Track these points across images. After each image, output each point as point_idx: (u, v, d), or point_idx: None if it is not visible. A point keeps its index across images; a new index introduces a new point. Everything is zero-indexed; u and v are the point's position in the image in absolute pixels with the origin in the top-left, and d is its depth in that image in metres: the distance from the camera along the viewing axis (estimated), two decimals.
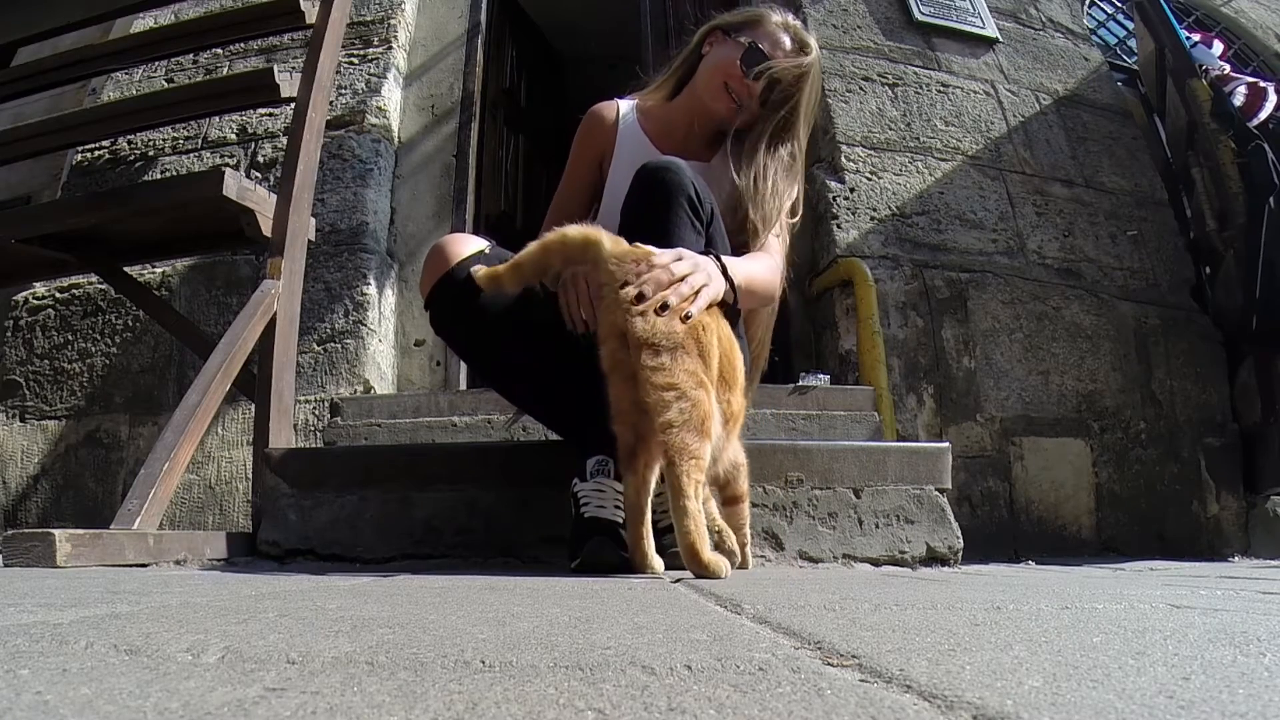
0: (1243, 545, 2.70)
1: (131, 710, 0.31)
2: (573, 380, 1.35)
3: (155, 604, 0.69)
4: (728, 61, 1.41)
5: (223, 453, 2.51)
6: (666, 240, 1.17)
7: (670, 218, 1.19)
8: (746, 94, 1.40)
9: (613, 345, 1.06)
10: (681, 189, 1.20)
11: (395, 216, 2.92)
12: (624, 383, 1.04)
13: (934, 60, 3.18)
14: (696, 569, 0.99)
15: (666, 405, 0.99)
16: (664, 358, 1.01)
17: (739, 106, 1.42)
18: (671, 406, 0.99)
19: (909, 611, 0.68)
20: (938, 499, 1.52)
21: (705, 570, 0.99)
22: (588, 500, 1.18)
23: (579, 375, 1.34)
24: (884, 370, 2.44)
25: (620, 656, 0.44)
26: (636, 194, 1.22)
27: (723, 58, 1.43)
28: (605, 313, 1.07)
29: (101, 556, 1.29)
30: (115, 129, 2.58)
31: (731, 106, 1.42)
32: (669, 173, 1.20)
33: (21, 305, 2.78)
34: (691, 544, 0.98)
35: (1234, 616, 0.67)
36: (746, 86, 1.39)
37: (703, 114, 1.46)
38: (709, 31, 1.48)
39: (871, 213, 2.75)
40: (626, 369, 1.04)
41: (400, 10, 3.16)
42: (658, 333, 1.02)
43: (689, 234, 1.20)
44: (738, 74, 1.40)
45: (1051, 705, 0.33)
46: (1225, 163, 2.95)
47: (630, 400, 1.04)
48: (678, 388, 1.00)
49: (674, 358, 1.01)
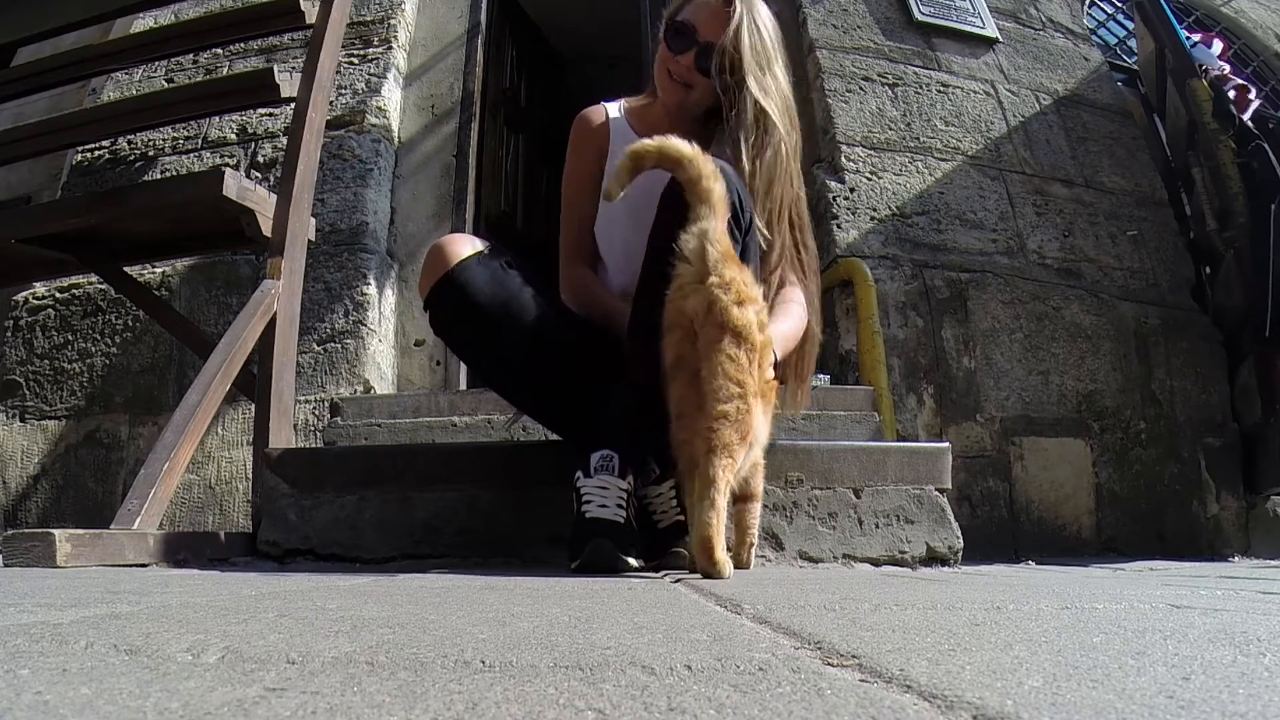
0: (1243, 545, 2.70)
1: (131, 710, 0.31)
2: (572, 380, 1.35)
3: (155, 604, 0.69)
4: (662, 52, 1.40)
5: (223, 453, 2.51)
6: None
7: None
8: (684, 71, 1.36)
9: (678, 335, 1.04)
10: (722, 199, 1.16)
11: (395, 216, 2.92)
12: (689, 383, 1.03)
13: (934, 60, 3.18)
14: (707, 564, 0.99)
15: (729, 398, 0.99)
16: (743, 354, 1.01)
17: (687, 89, 1.38)
18: (732, 400, 0.99)
19: (909, 611, 0.68)
20: (938, 499, 1.52)
21: (715, 567, 0.99)
22: (590, 498, 1.16)
23: (579, 375, 1.34)
24: (884, 370, 2.44)
25: (620, 656, 0.44)
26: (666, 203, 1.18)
27: (660, 51, 1.41)
28: (681, 297, 1.04)
29: (101, 556, 1.29)
30: (115, 129, 2.59)
31: (682, 91, 1.39)
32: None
33: (21, 305, 2.78)
34: (709, 537, 0.98)
35: (1234, 616, 0.67)
36: (678, 63, 1.37)
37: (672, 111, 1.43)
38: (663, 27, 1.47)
39: (871, 213, 2.75)
40: (692, 366, 1.02)
41: (400, 10, 3.16)
42: (750, 325, 1.02)
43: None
44: (669, 56, 1.38)
45: (1051, 705, 0.33)
46: (1225, 163, 2.96)
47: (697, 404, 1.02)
48: (744, 386, 1.01)
49: (750, 358, 1.02)
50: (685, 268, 1.05)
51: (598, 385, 1.28)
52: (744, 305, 1.03)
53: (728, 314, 1.01)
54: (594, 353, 1.34)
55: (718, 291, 1.02)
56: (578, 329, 1.40)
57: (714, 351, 1.00)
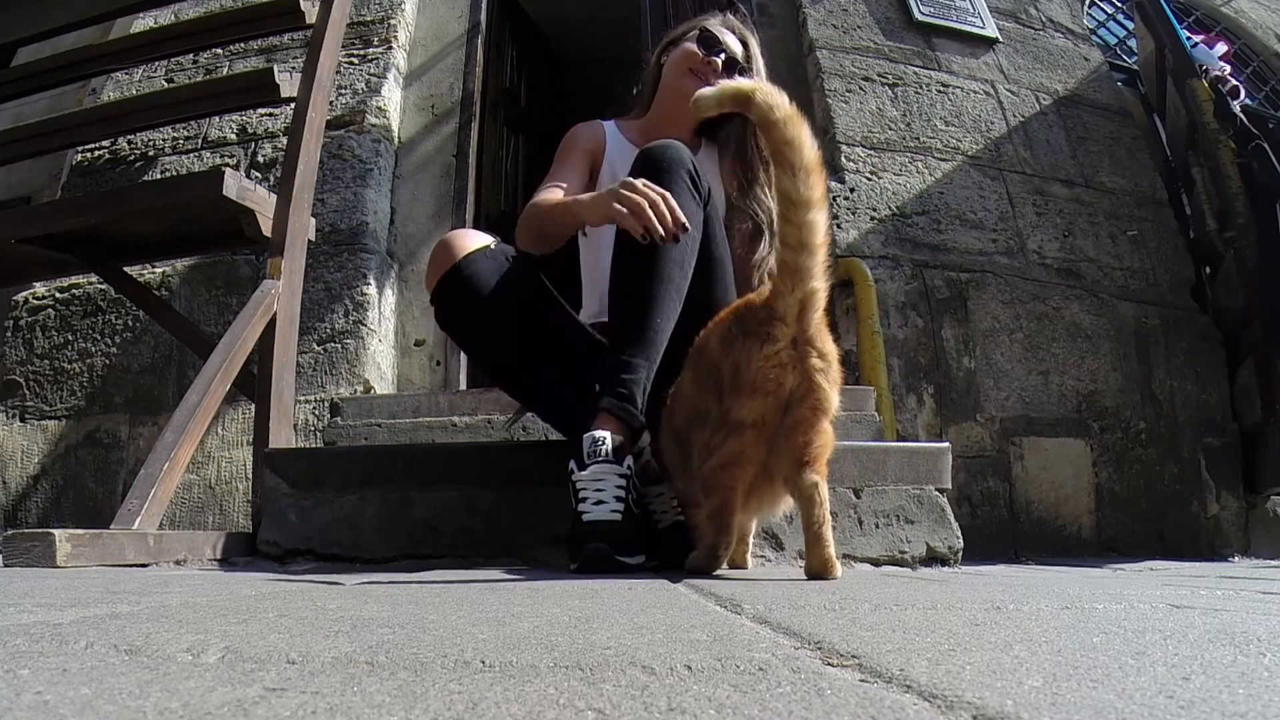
0: (1243, 545, 2.70)
1: (131, 710, 0.31)
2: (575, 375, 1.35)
3: (155, 604, 0.69)
4: (685, 54, 1.55)
5: (223, 453, 2.51)
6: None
7: (672, 183, 1.24)
8: (711, 71, 1.50)
9: (771, 405, 1.01)
10: (681, 162, 1.27)
11: (395, 216, 2.92)
12: (758, 443, 1.02)
13: (934, 60, 3.18)
14: (829, 574, 1.03)
15: (827, 437, 1.03)
16: (832, 429, 1.04)
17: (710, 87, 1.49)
18: (828, 434, 1.03)
19: (909, 611, 0.68)
20: (938, 499, 1.52)
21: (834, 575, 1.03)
22: (586, 495, 1.15)
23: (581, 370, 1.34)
24: (884, 370, 2.44)
25: (620, 656, 0.44)
26: (639, 166, 1.28)
27: (680, 54, 1.56)
28: (778, 366, 1.01)
29: (101, 556, 1.29)
30: (115, 129, 2.58)
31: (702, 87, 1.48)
32: (670, 149, 1.28)
33: (21, 305, 2.78)
34: (832, 557, 1.03)
35: (1234, 616, 0.67)
36: (709, 64, 1.51)
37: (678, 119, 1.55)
38: (662, 49, 1.62)
39: (871, 213, 2.75)
40: (770, 431, 1.01)
41: (400, 10, 3.16)
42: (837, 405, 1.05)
43: (689, 202, 1.26)
44: (698, 57, 1.52)
45: (1051, 705, 0.33)
46: (1225, 163, 2.96)
47: (756, 460, 1.03)
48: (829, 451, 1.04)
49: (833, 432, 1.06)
50: (782, 330, 1.00)
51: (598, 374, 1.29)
52: (835, 386, 1.04)
53: (827, 401, 1.02)
54: (597, 349, 1.35)
55: (818, 378, 1.01)
56: (582, 325, 1.41)
57: (814, 434, 1.02)
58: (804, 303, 1.01)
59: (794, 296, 1.00)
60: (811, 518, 1.01)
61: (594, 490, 1.15)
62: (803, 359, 1.01)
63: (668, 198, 1.19)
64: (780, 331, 1.00)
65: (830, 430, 1.04)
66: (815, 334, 1.02)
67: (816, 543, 1.02)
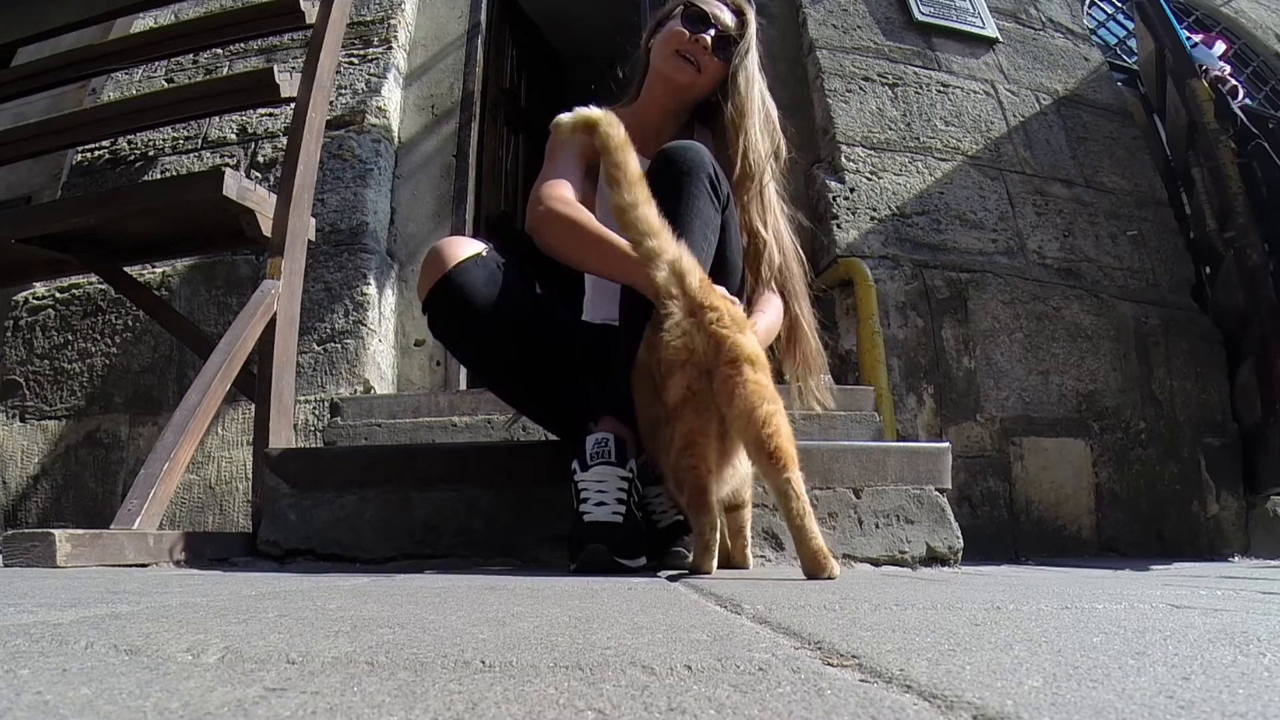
0: (1243, 545, 2.70)
1: (131, 710, 0.31)
2: (569, 381, 1.35)
3: (155, 604, 0.69)
4: (672, 34, 1.48)
5: (223, 453, 2.51)
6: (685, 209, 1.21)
7: (691, 188, 1.22)
8: (701, 51, 1.45)
9: (690, 376, 1.04)
10: (702, 165, 1.24)
11: (395, 216, 2.92)
12: (699, 414, 1.04)
13: (934, 60, 3.18)
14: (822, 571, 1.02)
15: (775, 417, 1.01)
16: (761, 374, 1.03)
17: (698, 68, 1.46)
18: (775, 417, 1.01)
19: (909, 611, 0.68)
20: (938, 499, 1.52)
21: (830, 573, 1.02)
22: (587, 496, 1.15)
23: (575, 376, 1.34)
24: (884, 370, 2.44)
25: (620, 656, 0.44)
26: (659, 167, 1.25)
27: (667, 34, 1.49)
28: (681, 335, 1.05)
29: (101, 556, 1.29)
30: (115, 129, 2.58)
31: (692, 70, 1.47)
32: (692, 150, 1.25)
33: (21, 305, 2.78)
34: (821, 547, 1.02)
35: (1234, 616, 0.67)
36: (697, 42, 1.45)
37: (669, 95, 1.50)
38: (651, 31, 1.57)
39: (871, 213, 2.75)
40: (703, 400, 1.03)
41: (400, 10, 3.16)
42: (756, 349, 1.05)
43: (708, 208, 1.24)
44: (684, 35, 1.46)
45: (1051, 705, 0.33)
46: (1225, 163, 2.96)
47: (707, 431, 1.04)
48: (777, 401, 1.03)
49: (767, 375, 1.05)
50: (673, 304, 1.06)
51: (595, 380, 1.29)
52: (744, 330, 1.05)
53: (739, 348, 1.03)
54: (596, 350, 1.35)
55: (718, 328, 1.04)
56: (574, 330, 1.41)
57: (740, 384, 1.01)
58: (676, 273, 1.07)
59: (665, 273, 1.07)
60: (790, 512, 1.01)
61: (596, 491, 1.15)
62: (699, 320, 1.04)
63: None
64: (671, 306, 1.06)
65: (764, 383, 1.03)
66: (702, 295, 1.06)
67: (802, 537, 1.02)
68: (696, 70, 1.46)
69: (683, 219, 1.20)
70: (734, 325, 1.04)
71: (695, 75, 1.47)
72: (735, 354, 1.02)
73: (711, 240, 1.26)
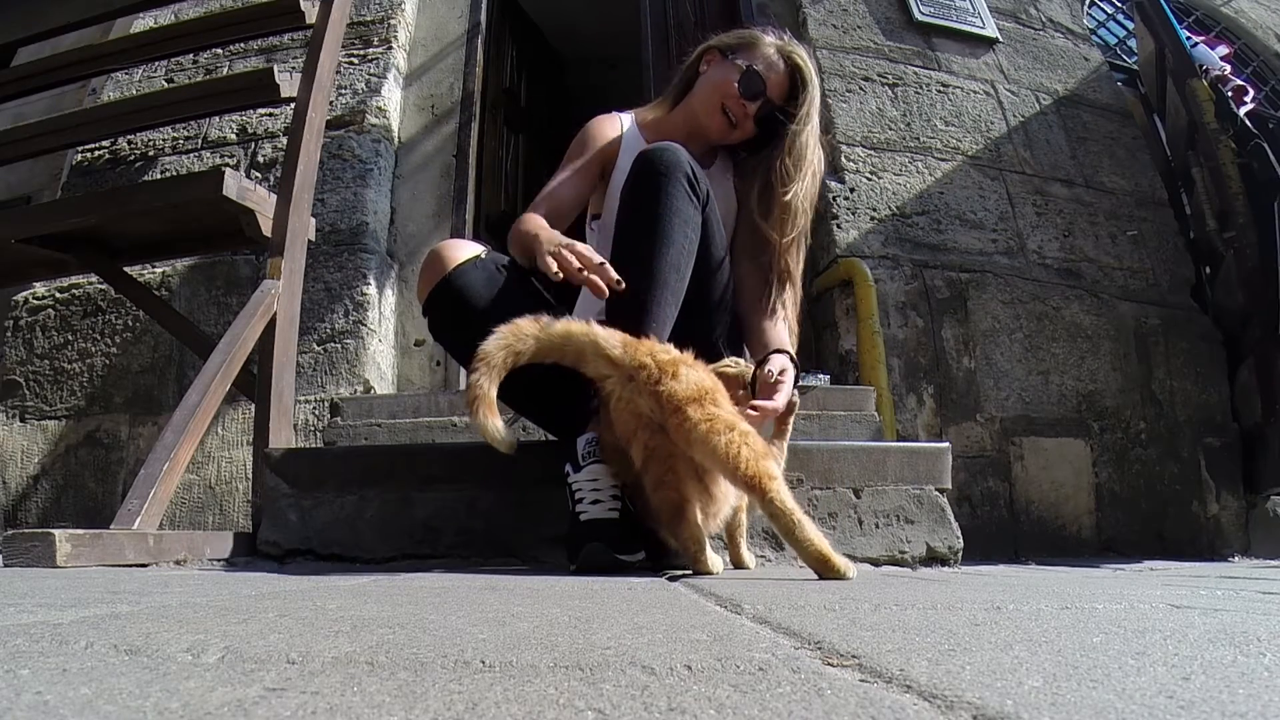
0: (1243, 545, 2.70)
1: (131, 710, 0.31)
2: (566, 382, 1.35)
3: (155, 604, 0.69)
4: (725, 83, 1.46)
5: (223, 453, 2.51)
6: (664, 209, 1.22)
7: (669, 188, 1.23)
8: (742, 115, 1.46)
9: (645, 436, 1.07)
10: (678, 165, 1.25)
11: (395, 216, 2.92)
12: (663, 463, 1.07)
13: (934, 60, 3.18)
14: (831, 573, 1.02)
15: (736, 445, 1.01)
16: (709, 406, 1.04)
17: (733, 126, 1.47)
18: (738, 444, 1.01)
19: (909, 611, 0.68)
20: (938, 499, 1.52)
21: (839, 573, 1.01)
22: (582, 496, 1.17)
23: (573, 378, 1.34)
24: (884, 370, 2.44)
25: (620, 656, 0.44)
26: (636, 170, 1.27)
27: (720, 78, 1.47)
28: (625, 407, 1.07)
29: (101, 556, 1.29)
30: (115, 129, 2.58)
31: (726, 126, 1.48)
32: (668, 151, 1.26)
33: (21, 305, 2.78)
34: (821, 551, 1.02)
35: (1234, 616, 0.67)
36: (743, 107, 1.45)
37: (698, 129, 1.51)
38: (705, 51, 1.54)
39: (871, 213, 2.75)
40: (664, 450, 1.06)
41: (400, 10, 3.16)
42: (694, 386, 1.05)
43: (687, 207, 1.25)
44: (735, 95, 1.45)
45: (1051, 705, 0.33)
46: (1225, 163, 2.96)
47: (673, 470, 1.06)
48: (735, 426, 1.03)
49: (716, 403, 1.05)
50: (609, 382, 1.09)
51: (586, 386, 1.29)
52: (675, 375, 1.05)
53: (675, 396, 1.04)
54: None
55: (651, 385, 1.05)
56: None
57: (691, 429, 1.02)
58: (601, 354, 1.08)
59: (593, 357, 1.09)
60: (783, 528, 1.02)
61: (590, 490, 1.17)
62: (637, 383, 1.06)
63: (604, 266, 1.16)
64: (609, 385, 1.09)
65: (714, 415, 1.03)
66: (628, 359, 1.07)
67: (801, 549, 1.03)
68: (732, 127, 1.48)
69: (662, 219, 1.22)
70: (666, 373, 1.05)
71: (729, 132, 1.49)
72: (674, 402, 1.03)
73: (692, 238, 1.27)
